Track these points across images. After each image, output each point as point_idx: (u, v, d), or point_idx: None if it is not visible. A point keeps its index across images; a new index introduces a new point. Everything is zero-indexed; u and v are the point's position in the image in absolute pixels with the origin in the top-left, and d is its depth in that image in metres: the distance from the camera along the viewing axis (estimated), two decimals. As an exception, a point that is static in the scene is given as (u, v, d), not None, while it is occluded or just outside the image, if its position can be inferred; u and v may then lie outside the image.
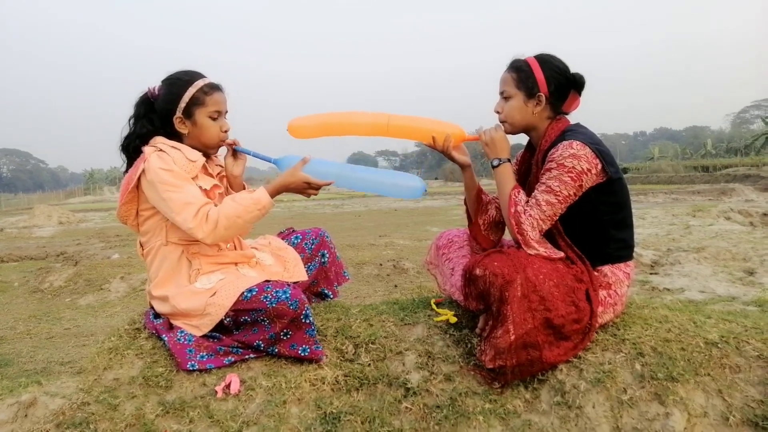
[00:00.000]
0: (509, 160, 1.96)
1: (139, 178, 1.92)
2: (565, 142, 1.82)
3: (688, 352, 1.74)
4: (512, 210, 1.86)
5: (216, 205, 1.93)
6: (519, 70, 1.94)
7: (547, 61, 1.93)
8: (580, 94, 1.96)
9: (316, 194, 2.04)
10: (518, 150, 2.17)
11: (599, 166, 1.81)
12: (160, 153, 1.91)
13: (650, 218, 9.37)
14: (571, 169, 1.78)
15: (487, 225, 2.15)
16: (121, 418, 1.69)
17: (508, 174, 1.94)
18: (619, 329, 1.89)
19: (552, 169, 1.81)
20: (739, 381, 1.66)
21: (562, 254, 1.86)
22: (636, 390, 1.67)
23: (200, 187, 1.94)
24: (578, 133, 1.87)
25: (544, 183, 1.83)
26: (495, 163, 1.95)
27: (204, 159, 2.00)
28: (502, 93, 1.98)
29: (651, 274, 5.02)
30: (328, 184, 2.03)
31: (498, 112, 2.00)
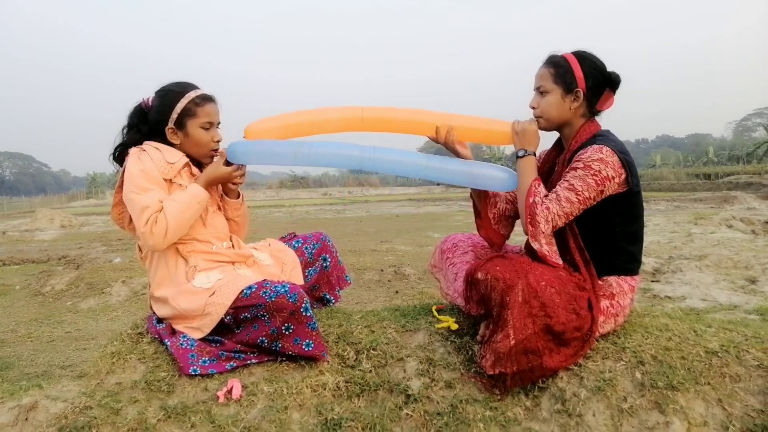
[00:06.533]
0: (534, 154, 1.96)
1: (123, 178, 1.97)
2: (595, 146, 1.83)
3: (688, 360, 1.74)
4: (530, 200, 1.85)
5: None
6: (557, 66, 1.93)
7: (585, 58, 1.93)
8: (614, 93, 1.95)
9: (241, 182, 2.10)
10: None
11: (623, 176, 1.82)
12: (141, 153, 1.96)
13: (652, 225, 9.37)
14: (597, 173, 1.79)
15: (497, 218, 2.12)
16: (123, 423, 1.69)
17: (531, 166, 1.93)
18: (619, 337, 1.89)
19: (578, 168, 1.82)
20: (739, 390, 1.66)
21: (561, 263, 1.86)
22: (636, 398, 1.68)
23: (180, 185, 1.98)
24: (609, 139, 1.88)
25: (567, 180, 1.83)
26: (521, 153, 1.95)
27: (186, 160, 2.03)
28: (538, 88, 1.97)
29: (652, 281, 5.02)
30: (240, 167, 2.04)
31: (533, 108, 1.99)
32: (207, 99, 2.04)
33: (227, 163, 2.03)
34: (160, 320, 2.05)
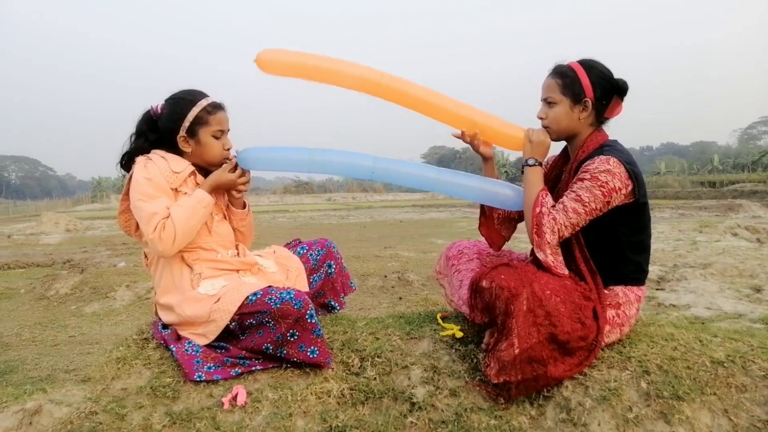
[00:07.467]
0: (541, 164, 1.97)
1: (129, 186, 1.98)
2: (602, 157, 1.83)
3: (694, 370, 1.74)
4: (537, 210, 1.86)
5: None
6: (564, 76, 1.93)
7: (592, 67, 1.93)
8: (622, 100, 1.95)
9: (245, 189, 2.10)
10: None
11: (630, 187, 1.82)
12: (147, 161, 1.98)
13: (656, 233, 9.34)
14: (604, 184, 1.79)
15: (501, 219, 2.15)
16: (129, 428, 1.70)
17: (539, 176, 1.94)
18: (624, 347, 1.89)
19: (585, 179, 1.82)
20: (745, 401, 1.66)
21: (566, 272, 1.86)
22: (641, 408, 1.67)
23: (186, 194, 1.99)
24: (616, 150, 1.87)
25: (574, 191, 1.83)
26: (531, 162, 1.95)
27: (191, 169, 2.05)
28: (545, 99, 1.97)
29: (657, 289, 5.00)
30: (244, 174, 2.05)
31: (542, 118, 1.99)
32: (218, 107, 2.05)
33: (233, 170, 2.04)
34: (165, 326, 2.06)
